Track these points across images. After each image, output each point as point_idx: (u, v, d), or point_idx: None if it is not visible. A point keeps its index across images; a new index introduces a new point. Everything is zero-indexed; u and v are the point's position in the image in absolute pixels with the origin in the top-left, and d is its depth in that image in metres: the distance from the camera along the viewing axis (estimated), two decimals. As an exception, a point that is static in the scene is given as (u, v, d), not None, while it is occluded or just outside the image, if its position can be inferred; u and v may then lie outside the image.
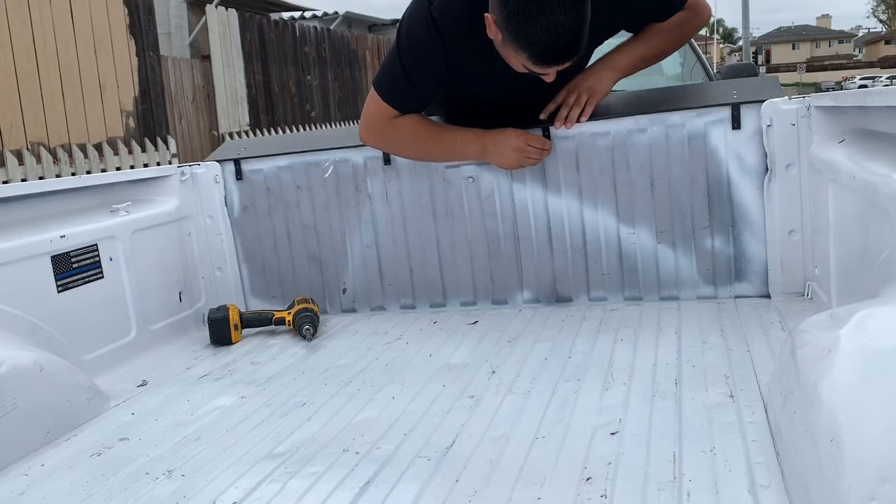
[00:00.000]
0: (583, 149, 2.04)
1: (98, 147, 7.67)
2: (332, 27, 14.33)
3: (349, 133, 2.26)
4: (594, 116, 1.99)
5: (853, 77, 45.36)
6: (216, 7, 10.22)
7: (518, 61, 1.68)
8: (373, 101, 1.97)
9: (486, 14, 1.67)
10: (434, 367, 1.73)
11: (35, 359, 1.54)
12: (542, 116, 2.01)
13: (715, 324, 1.81)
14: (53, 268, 1.80)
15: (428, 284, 2.24)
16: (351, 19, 16.48)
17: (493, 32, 1.67)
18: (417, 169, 2.17)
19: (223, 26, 10.27)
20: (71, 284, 1.85)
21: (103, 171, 7.39)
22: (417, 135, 1.99)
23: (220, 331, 2.10)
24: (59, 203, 1.94)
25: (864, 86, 30.95)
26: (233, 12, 10.49)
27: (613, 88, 2.05)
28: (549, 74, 1.71)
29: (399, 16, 2.01)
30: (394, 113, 1.95)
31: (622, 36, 2.04)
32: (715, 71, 5.41)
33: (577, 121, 1.97)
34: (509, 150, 1.97)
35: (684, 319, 1.87)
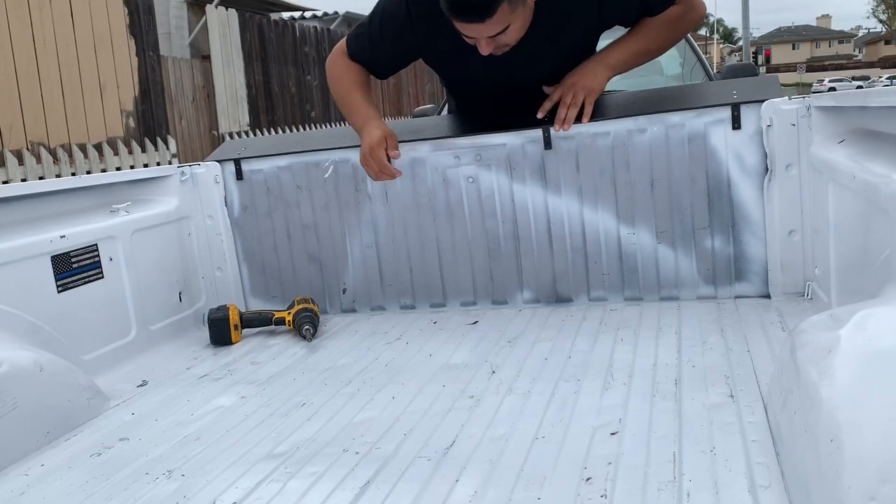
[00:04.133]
0: (583, 149, 2.04)
1: (98, 147, 7.67)
2: (332, 27, 14.33)
3: (349, 133, 2.27)
4: (594, 117, 1.99)
5: (822, 80, 45.19)
6: (216, 7, 10.23)
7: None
8: (340, 41, 2.15)
9: None
10: (434, 367, 1.73)
11: (35, 359, 1.54)
12: (540, 115, 2.01)
13: (715, 324, 1.81)
14: (53, 268, 1.80)
15: (428, 284, 2.24)
16: (351, 19, 16.48)
17: None
18: (417, 169, 2.17)
19: (223, 26, 10.27)
20: (71, 284, 1.85)
21: (103, 171, 7.40)
22: (341, 80, 2.12)
23: (220, 331, 2.10)
24: (59, 203, 1.94)
25: (833, 88, 30.97)
26: (233, 12, 10.49)
27: (611, 88, 2.05)
28: (479, 44, 1.75)
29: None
30: (344, 49, 2.11)
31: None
32: (715, 71, 5.41)
33: (580, 121, 1.97)
34: (364, 147, 2.01)
35: (684, 319, 1.87)
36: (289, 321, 2.12)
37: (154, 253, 2.14)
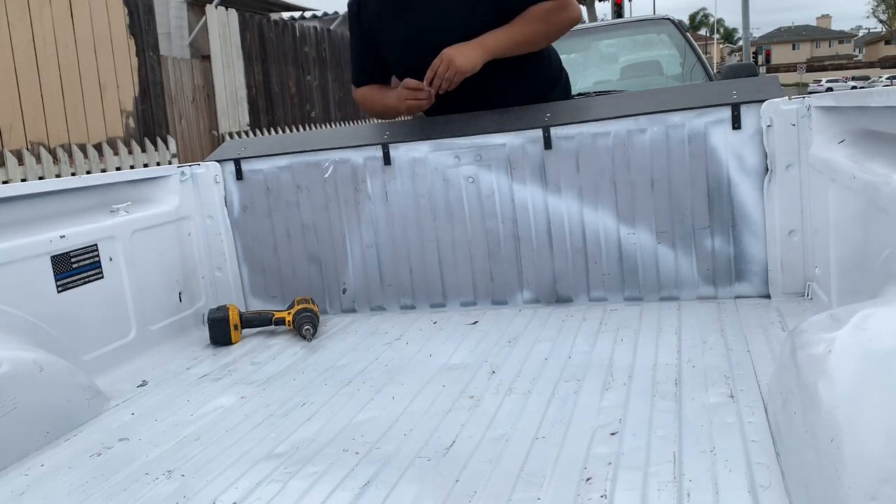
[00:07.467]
0: (583, 149, 2.04)
1: (98, 147, 7.66)
2: (332, 27, 14.32)
3: (349, 133, 2.27)
4: (594, 117, 2.00)
5: (820, 80, 45.64)
6: (216, 7, 10.22)
7: None
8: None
9: None
10: (434, 367, 1.73)
11: (35, 359, 1.54)
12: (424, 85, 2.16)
13: (715, 324, 1.81)
14: (53, 268, 1.80)
15: (428, 284, 2.24)
16: (351, 19, 16.43)
17: None
18: (417, 169, 2.17)
19: (223, 26, 10.27)
20: (71, 284, 1.85)
21: (103, 171, 7.40)
22: (367, 102, 2.43)
23: (220, 331, 2.10)
24: (59, 203, 1.93)
25: (830, 89, 31.13)
26: (233, 12, 10.49)
27: (614, 88, 2.05)
28: None
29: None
30: (353, 87, 2.46)
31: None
32: (715, 71, 5.41)
33: (441, 90, 2.13)
34: (400, 104, 2.22)
35: (684, 319, 1.87)
36: (289, 321, 2.11)
37: (154, 253, 2.14)
